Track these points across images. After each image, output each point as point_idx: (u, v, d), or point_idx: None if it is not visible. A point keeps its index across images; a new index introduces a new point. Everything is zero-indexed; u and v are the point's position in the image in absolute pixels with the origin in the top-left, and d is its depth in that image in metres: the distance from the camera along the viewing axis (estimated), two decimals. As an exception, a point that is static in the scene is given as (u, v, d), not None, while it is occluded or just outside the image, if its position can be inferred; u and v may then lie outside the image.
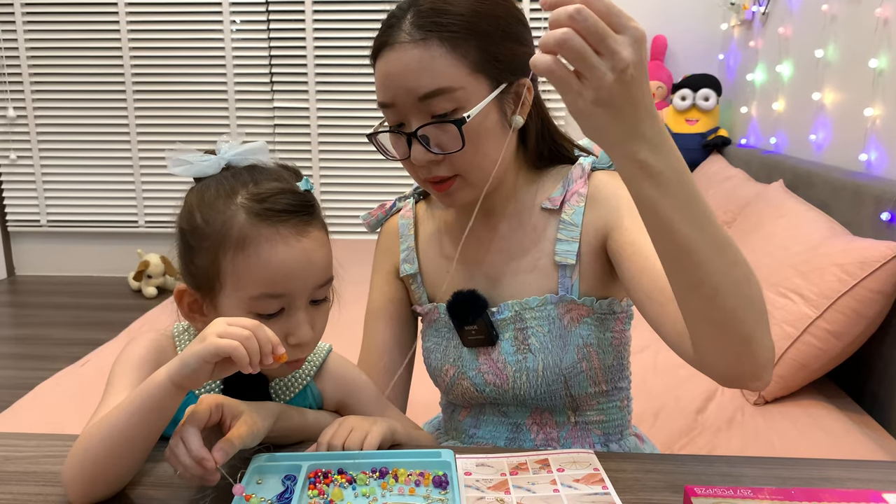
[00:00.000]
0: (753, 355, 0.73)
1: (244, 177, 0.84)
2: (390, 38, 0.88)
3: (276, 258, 0.80)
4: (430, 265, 1.07)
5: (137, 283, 3.89)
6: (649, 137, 0.64)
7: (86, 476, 0.75)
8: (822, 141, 2.38)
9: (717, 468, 0.84)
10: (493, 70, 0.88)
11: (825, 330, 1.61)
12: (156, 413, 0.73)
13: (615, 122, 0.63)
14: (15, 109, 4.04)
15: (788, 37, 2.70)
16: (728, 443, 1.53)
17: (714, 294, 0.69)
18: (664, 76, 3.60)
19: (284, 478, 0.79)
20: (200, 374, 0.71)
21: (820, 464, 0.87)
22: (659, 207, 0.67)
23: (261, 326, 0.72)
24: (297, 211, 0.82)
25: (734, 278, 0.70)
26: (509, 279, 1.00)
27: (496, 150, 0.91)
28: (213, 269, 0.82)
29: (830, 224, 1.81)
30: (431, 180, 0.93)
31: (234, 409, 0.78)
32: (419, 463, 0.82)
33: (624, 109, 0.62)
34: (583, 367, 0.97)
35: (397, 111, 0.90)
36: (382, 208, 1.13)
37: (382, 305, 1.10)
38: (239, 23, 3.91)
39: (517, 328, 0.98)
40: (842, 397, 1.72)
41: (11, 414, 1.79)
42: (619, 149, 0.66)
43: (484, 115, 0.88)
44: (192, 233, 0.84)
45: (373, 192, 3.98)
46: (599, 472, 0.81)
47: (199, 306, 0.87)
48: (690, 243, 0.68)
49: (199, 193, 0.85)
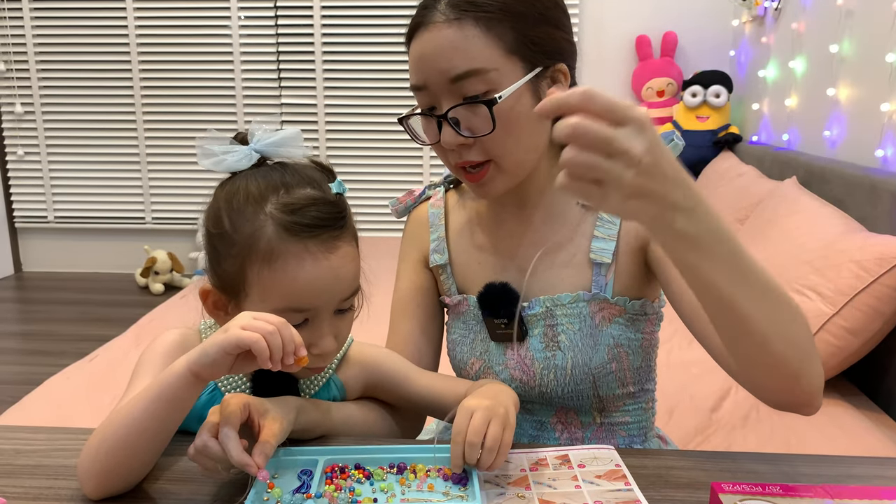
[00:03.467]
0: (802, 388, 0.76)
1: (275, 180, 0.82)
2: (425, 19, 0.87)
3: (303, 275, 0.79)
4: (460, 256, 1.04)
5: (144, 279, 3.88)
6: (683, 206, 0.64)
7: (101, 468, 0.74)
8: (836, 137, 2.35)
9: (742, 465, 0.82)
10: (528, 53, 0.86)
11: (842, 327, 1.59)
12: (173, 403, 0.72)
13: (647, 205, 0.63)
14: (23, 105, 4.04)
15: (802, 32, 2.68)
16: (744, 441, 1.51)
17: (762, 341, 0.71)
18: (675, 73, 3.58)
19: (301, 472, 0.78)
20: (220, 366, 0.70)
21: (846, 461, 0.85)
22: (700, 271, 0.68)
23: (286, 324, 0.70)
24: (327, 225, 0.80)
25: (781, 323, 0.71)
26: (542, 273, 0.97)
27: (529, 137, 0.89)
28: (240, 278, 0.81)
29: (846, 220, 1.79)
30: (463, 165, 0.90)
31: (259, 408, 0.76)
32: (437, 459, 0.80)
33: (654, 192, 0.62)
34: (612, 367, 0.95)
35: (429, 94, 0.88)
36: (411, 195, 1.10)
37: (410, 294, 1.07)
38: (245, 19, 3.90)
39: (547, 324, 0.96)
40: (857, 395, 1.70)
41: (21, 408, 1.79)
42: (655, 224, 0.66)
43: (516, 98, 0.86)
44: (220, 238, 0.82)
45: (381, 188, 3.97)
46: (621, 468, 0.80)
47: (224, 305, 0.85)
48: (734, 299, 0.69)
49: (229, 195, 0.82)
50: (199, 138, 0.83)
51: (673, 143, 0.93)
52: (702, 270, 0.68)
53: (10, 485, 0.79)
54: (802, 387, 0.75)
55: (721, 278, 0.68)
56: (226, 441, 0.71)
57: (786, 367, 0.73)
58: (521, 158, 0.89)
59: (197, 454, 0.72)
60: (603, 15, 3.70)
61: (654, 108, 3.56)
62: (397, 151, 3.93)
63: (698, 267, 0.68)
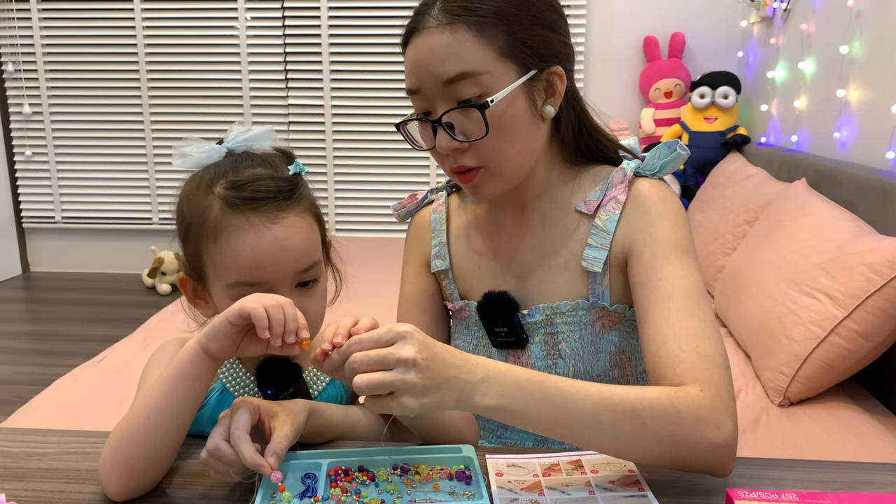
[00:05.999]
0: (694, 465, 0.76)
1: (228, 165, 0.85)
2: (419, 25, 0.87)
3: (246, 247, 0.81)
4: (461, 261, 1.04)
5: (151, 279, 3.89)
6: (474, 379, 0.71)
7: (123, 459, 0.74)
8: (846, 139, 2.34)
9: (756, 471, 0.82)
10: (521, 55, 0.86)
11: (853, 330, 1.58)
12: (188, 380, 0.74)
13: (444, 394, 0.69)
14: (30, 106, 4.05)
15: (811, 33, 2.66)
16: (754, 445, 1.50)
17: (615, 452, 0.76)
18: (682, 74, 3.56)
19: (304, 476, 0.78)
20: (225, 337, 0.72)
21: (862, 467, 0.84)
22: (524, 425, 0.74)
23: (291, 304, 0.72)
24: (269, 197, 0.82)
25: (626, 434, 0.73)
26: (540, 279, 0.97)
27: (524, 141, 0.89)
28: (198, 259, 0.85)
29: (857, 223, 1.77)
30: (457, 170, 0.90)
31: (270, 410, 0.77)
32: (440, 459, 0.81)
33: (443, 380, 0.69)
34: (615, 374, 0.95)
35: (424, 98, 0.88)
36: (413, 199, 1.10)
37: (416, 298, 1.07)
38: (252, 19, 3.90)
39: (548, 332, 0.96)
40: (868, 399, 1.69)
41: (31, 409, 1.79)
42: (461, 407, 0.71)
43: (510, 101, 0.86)
44: (180, 224, 0.87)
45: (387, 188, 3.96)
46: (635, 474, 0.79)
47: (201, 293, 0.89)
48: (562, 433, 0.74)
49: (188, 184, 0.87)
50: (177, 145, 0.87)
51: (675, 154, 0.92)
52: (525, 425, 0.74)
53: (22, 488, 0.78)
54: (693, 465, 0.76)
55: (543, 421, 0.73)
56: (237, 443, 0.71)
57: (658, 462, 0.76)
58: (516, 162, 0.89)
59: (209, 457, 0.72)
60: (610, 16, 3.69)
61: (662, 110, 3.55)
62: (404, 152, 3.92)
63: (521, 423, 0.74)
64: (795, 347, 1.65)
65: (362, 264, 2.57)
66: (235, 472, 0.72)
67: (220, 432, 0.72)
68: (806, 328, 1.64)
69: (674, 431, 0.73)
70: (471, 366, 0.72)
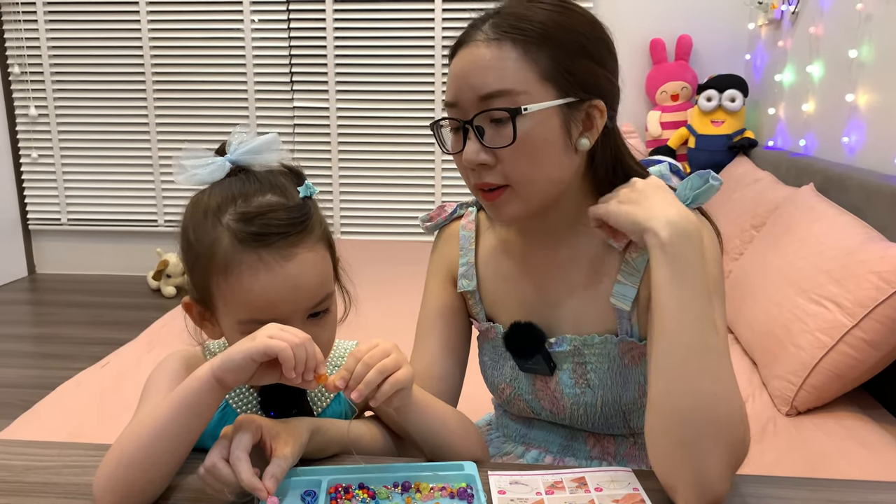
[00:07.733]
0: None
1: (235, 190, 0.81)
2: (468, 38, 0.87)
3: (258, 286, 0.78)
4: (488, 284, 1.02)
5: (156, 282, 3.89)
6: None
7: (121, 480, 0.73)
8: (855, 143, 2.32)
9: (764, 489, 0.80)
10: (562, 81, 0.85)
11: (861, 339, 1.56)
12: (196, 409, 0.72)
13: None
14: (36, 108, 4.05)
15: (820, 36, 2.64)
16: (761, 456, 1.49)
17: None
18: (689, 77, 3.54)
19: (304, 494, 0.77)
20: (243, 372, 0.71)
21: (870, 486, 0.83)
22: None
23: (311, 340, 0.72)
24: (283, 232, 0.79)
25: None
26: (568, 310, 0.96)
27: (552, 167, 0.87)
28: (206, 290, 0.82)
29: (866, 229, 1.75)
30: (481, 187, 0.89)
31: (272, 430, 0.76)
32: (442, 476, 0.79)
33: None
34: (643, 402, 0.93)
35: (460, 111, 0.87)
36: (442, 212, 1.08)
37: (440, 312, 1.04)
38: (258, 22, 3.90)
39: (576, 362, 0.95)
40: (877, 408, 1.67)
41: (34, 415, 1.79)
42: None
43: (542, 119, 0.84)
44: (187, 251, 0.83)
45: (393, 191, 3.95)
46: (639, 493, 0.78)
47: (209, 316, 0.86)
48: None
49: (194, 207, 0.83)
50: (176, 156, 0.83)
51: (708, 185, 0.90)
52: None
53: (20, 504, 0.78)
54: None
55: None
56: (236, 463, 0.70)
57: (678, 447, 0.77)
58: (541, 188, 0.88)
59: (206, 474, 0.71)
60: (617, 17, 3.67)
61: (669, 112, 3.53)
62: (409, 155, 3.91)
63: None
64: (803, 356, 1.64)
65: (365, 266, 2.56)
66: (231, 492, 0.71)
67: (220, 451, 0.71)
68: (814, 336, 1.63)
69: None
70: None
